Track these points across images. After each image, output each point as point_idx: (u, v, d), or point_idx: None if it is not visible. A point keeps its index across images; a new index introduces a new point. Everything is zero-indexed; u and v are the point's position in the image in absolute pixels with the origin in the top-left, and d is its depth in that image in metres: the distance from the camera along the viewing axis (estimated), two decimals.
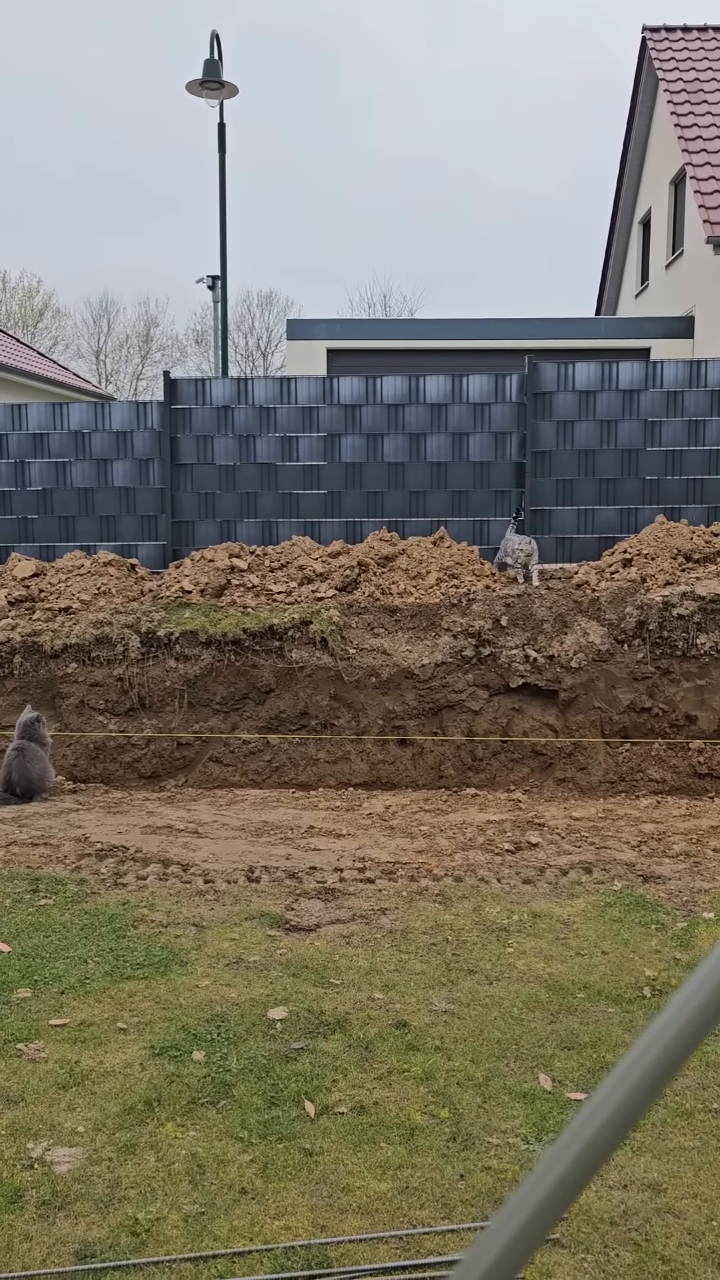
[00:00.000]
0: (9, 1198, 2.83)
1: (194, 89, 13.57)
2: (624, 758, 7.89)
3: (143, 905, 5.05)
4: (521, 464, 9.86)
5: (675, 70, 18.69)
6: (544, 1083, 3.44)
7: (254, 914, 4.95)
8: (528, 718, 8.03)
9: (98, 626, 8.37)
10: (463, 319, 17.03)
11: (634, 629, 8.07)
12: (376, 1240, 2.68)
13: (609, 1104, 0.71)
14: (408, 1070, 3.51)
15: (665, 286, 19.74)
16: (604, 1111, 0.71)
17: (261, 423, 9.91)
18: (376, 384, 9.90)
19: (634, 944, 4.61)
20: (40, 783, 7.23)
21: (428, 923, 4.84)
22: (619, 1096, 0.71)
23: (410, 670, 8.04)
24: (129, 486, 10.01)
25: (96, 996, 4.05)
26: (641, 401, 9.81)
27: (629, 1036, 3.76)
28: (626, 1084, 0.71)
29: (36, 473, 10.05)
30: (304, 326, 17.13)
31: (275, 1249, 2.64)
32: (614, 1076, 0.72)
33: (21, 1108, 3.28)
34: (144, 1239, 2.68)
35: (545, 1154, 0.72)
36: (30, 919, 4.87)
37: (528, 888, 5.37)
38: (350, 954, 4.49)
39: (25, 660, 8.32)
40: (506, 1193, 2.88)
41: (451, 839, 6.34)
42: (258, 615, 8.37)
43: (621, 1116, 0.70)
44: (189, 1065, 3.52)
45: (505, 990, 4.13)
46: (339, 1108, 3.28)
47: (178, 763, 8.13)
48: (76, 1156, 3.03)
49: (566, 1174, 0.71)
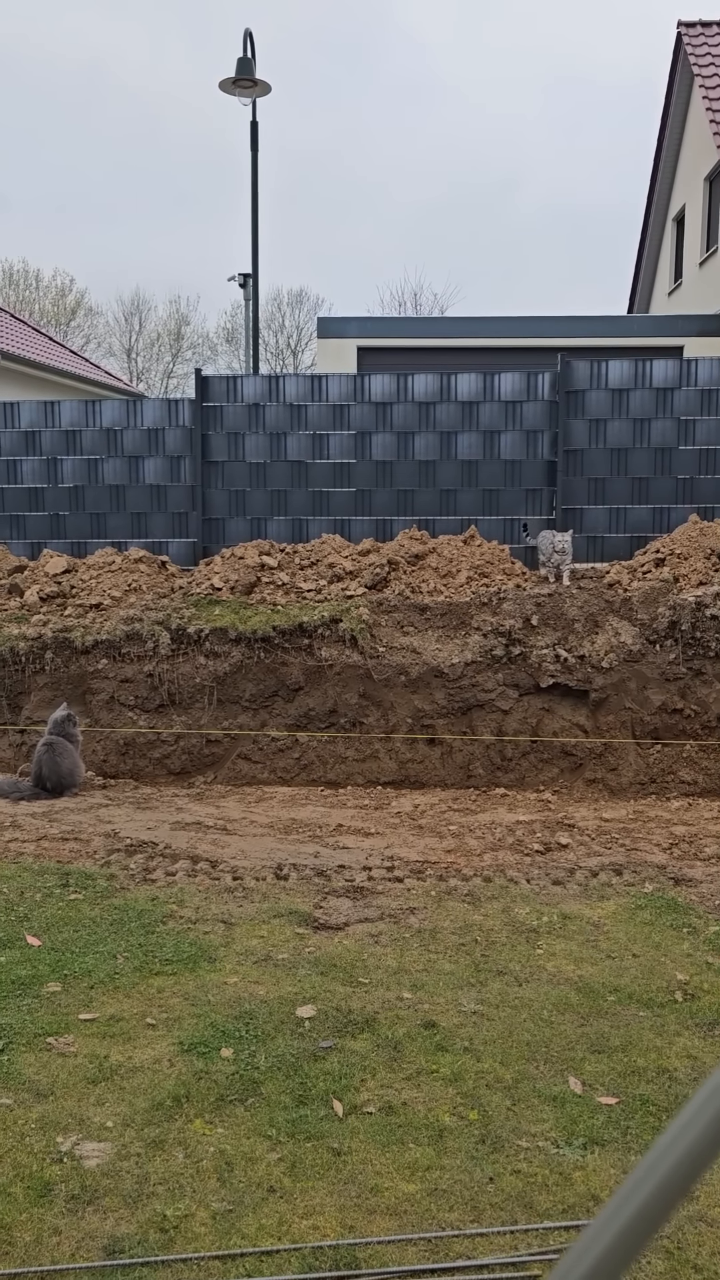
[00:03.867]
0: (39, 1191, 2.84)
1: (227, 87, 13.58)
2: (655, 759, 7.82)
3: (172, 901, 5.06)
4: (553, 462, 9.80)
5: (711, 66, 18.50)
6: (574, 1086, 3.41)
7: (282, 911, 4.95)
8: (558, 718, 7.98)
9: (128, 623, 8.41)
10: (494, 317, 16.95)
11: (666, 629, 8.00)
12: (405, 1242, 2.66)
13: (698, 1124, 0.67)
14: (436, 1071, 3.49)
15: (699, 284, 19.55)
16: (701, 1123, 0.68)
17: (292, 420, 9.91)
18: (407, 382, 9.87)
19: (665, 947, 4.56)
20: (70, 778, 7.27)
21: (457, 923, 4.82)
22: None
23: (440, 669, 8.01)
24: (160, 484, 10.05)
25: (126, 991, 4.06)
26: (675, 400, 9.72)
27: (660, 1040, 3.72)
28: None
29: (69, 469, 10.11)
30: (334, 325, 17.12)
31: (303, 1248, 2.63)
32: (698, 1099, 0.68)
33: (51, 1101, 3.29)
34: (172, 1235, 2.68)
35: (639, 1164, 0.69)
36: (60, 913, 4.89)
37: (557, 889, 5.33)
38: (379, 953, 4.47)
39: (56, 656, 8.37)
40: (536, 1197, 2.86)
41: (480, 839, 6.31)
42: (287, 613, 8.38)
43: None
44: (217, 1062, 3.52)
45: (535, 992, 4.10)
46: (367, 1107, 3.27)
47: (207, 759, 8.15)
48: (105, 1151, 3.03)
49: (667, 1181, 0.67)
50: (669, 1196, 0.67)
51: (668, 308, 21.70)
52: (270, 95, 13.62)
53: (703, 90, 18.10)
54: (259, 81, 13.51)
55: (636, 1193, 0.68)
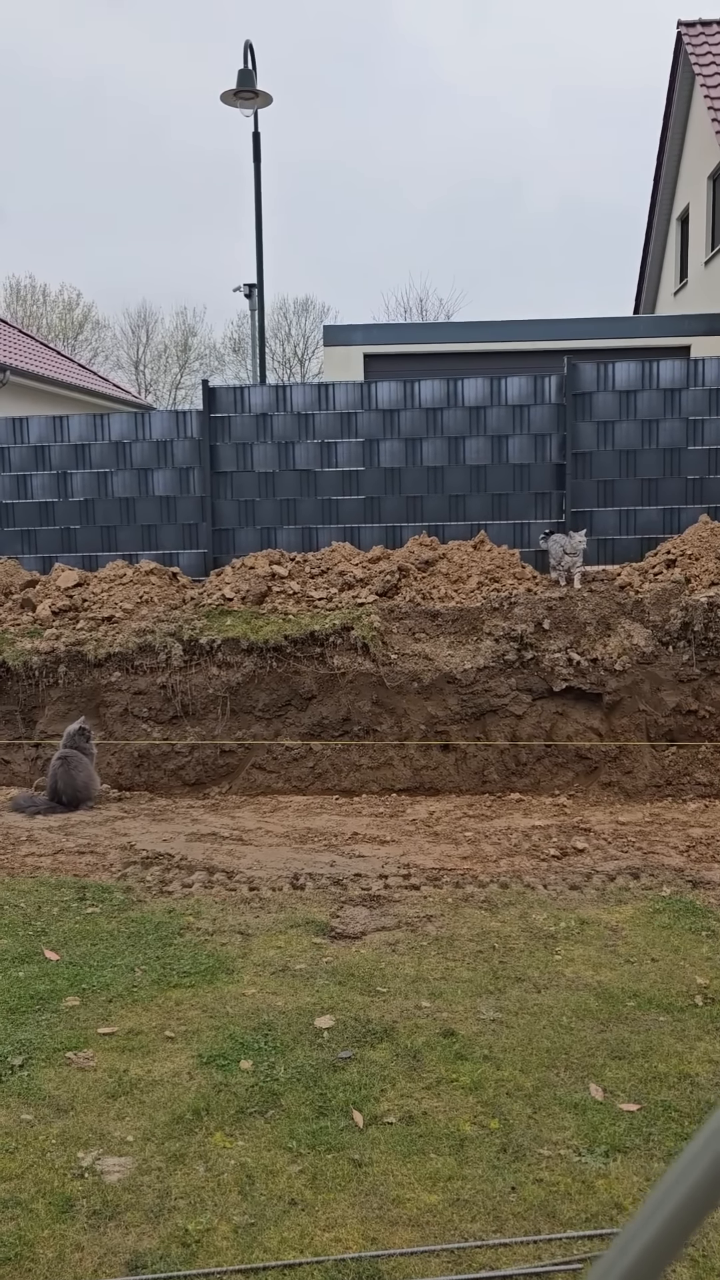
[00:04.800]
0: (60, 1207, 2.84)
1: (228, 99, 13.64)
2: (670, 761, 7.79)
3: (188, 913, 5.06)
4: (562, 465, 9.79)
5: (712, 64, 18.48)
6: (595, 1093, 3.39)
7: (299, 921, 4.94)
8: (571, 721, 7.96)
9: (140, 635, 8.43)
10: (500, 321, 16.94)
11: (678, 630, 7.97)
12: (428, 1253, 2.65)
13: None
14: (456, 1080, 3.47)
15: (705, 283, 19.51)
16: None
17: (300, 429, 9.93)
18: (414, 388, 9.87)
19: (684, 951, 4.54)
20: (85, 791, 7.29)
21: (474, 930, 4.80)
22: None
23: (452, 675, 8.00)
24: (169, 495, 10.08)
25: (144, 1005, 4.06)
26: (683, 400, 9.70)
27: (681, 1046, 3.70)
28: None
29: (78, 483, 10.15)
30: (341, 332, 17.15)
31: (326, 1261, 2.62)
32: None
33: (71, 1116, 3.30)
34: (194, 1250, 2.67)
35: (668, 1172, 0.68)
36: (77, 927, 4.90)
37: (575, 894, 5.31)
38: (396, 961, 4.46)
39: (70, 670, 8.40)
40: (559, 1206, 2.84)
41: (496, 845, 6.29)
42: (299, 621, 8.38)
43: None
44: (237, 1074, 3.51)
45: (554, 998, 4.08)
46: (388, 1118, 3.26)
47: (221, 770, 8.16)
48: (126, 1166, 3.03)
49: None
50: (699, 1205, 0.66)
51: (674, 307, 21.66)
52: (273, 104, 13.67)
53: (704, 89, 18.08)
54: (260, 93, 13.57)
55: (666, 1202, 0.67)
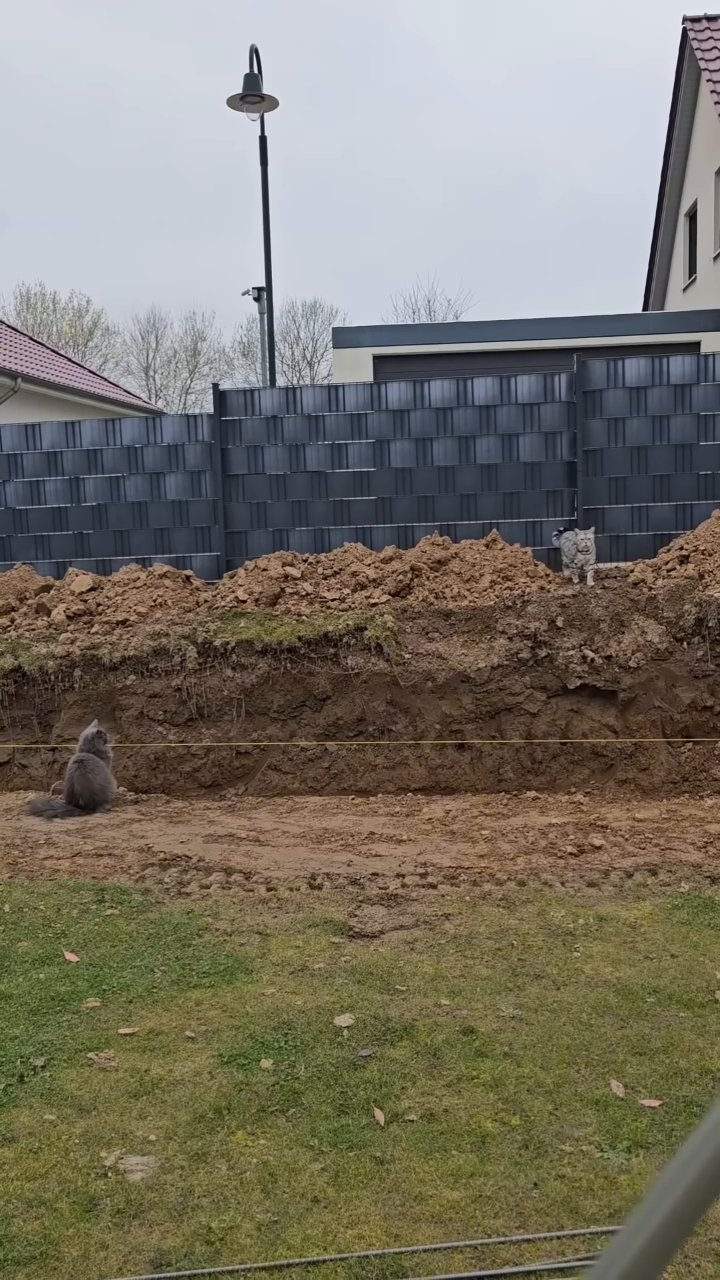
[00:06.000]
0: (84, 1206, 2.86)
1: (234, 104, 13.69)
2: (686, 757, 7.76)
3: (207, 914, 5.08)
4: (573, 463, 9.77)
5: (718, 59, 18.43)
6: (616, 1089, 3.38)
7: (317, 921, 4.95)
8: (587, 719, 7.94)
9: (155, 638, 8.46)
10: (509, 320, 16.93)
11: (693, 626, 7.95)
12: (451, 1250, 2.66)
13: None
14: (477, 1077, 3.47)
15: (714, 278, 19.45)
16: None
17: (311, 431, 9.94)
18: (424, 388, 9.88)
19: (704, 947, 4.53)
20: (102, 794, 7.32)
21: (492, 927, 4.80)
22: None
23: (466, 674, 8.00)
24: (181, 499, 10.11)
25: (164, 1005, 4.08)
26: (693, 396, 9.67)
27: (702, 1041, 3.69)
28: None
29: (91, 488, 10.19)
30: (350, 334, 17.17)
31: (349, 1258, 2.63)
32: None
33: (94, 1116, 3.31)
34: (218, 1248, 2.68)
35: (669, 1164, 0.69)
36: (97, 929, 4.92)
37: (592, 891, 5.30)
38: (415, 960, 4.46)
39: (85, 674, 8.43)
40: (582, 1201, 2.84)
41: (513, 843, 6.29)
42: (312, 623, 8.39)
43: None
44: (257, 1073, 3.53)
45: (573, 995, 4.08)
46: (409, 1115, 3.26)
47: (237, 771, 8.18)
48: (149, 1165, 3.05)
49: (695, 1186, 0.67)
50: (701, 1198, 0.67)
51: (683, 303, 21.60)
52: (280, 107, 13.71)
53: (710, 84, 18.03)
54: (266, 96, 13.61)
55: (668, 1195, 0.68)
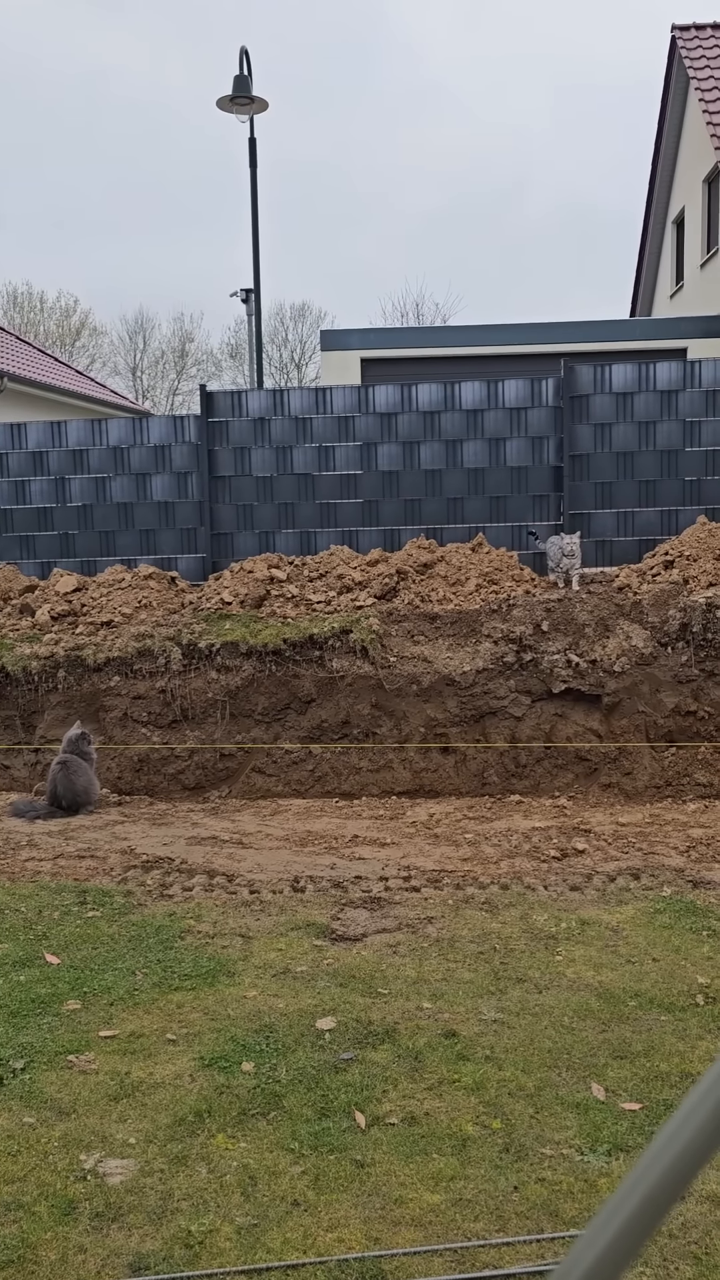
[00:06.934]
0: (63, 1209, 2.84)
1: (224, 105, 13.68)
2: (670, 762, 7.79)
3: (189, 916, 5.06)
4: (559, 468, 9.80)
5: (706, 68, 18.54)
6: (597, 1093, 3.39)
7: (300, 924, 4.94)
8: (571, 723, 7.96)
9: (139, 639, 8.43)
10: (497, 325, 16.98)
11: (677, 631, 7.98)
12: (431, 1253, 2.65)
13: (700, 1114, 0.68)
14: (458, 1080, 3.47)
15: (701, 286, 19.56)
16: (695, 1121, 0.68)
17: (298, 433, 9.94)
18: (412, 392, 9.89)
19: (685, 951, 4.54)
20: (85, 795, 7.29)
21: (475, 931, 4.81)
22: (710, 1106, 0.67)
23: (451, 677, 8.01)
24: (168, 500, 10.09)
25: (145, 1008, 4.06)
26: (680, 402, 9.72)
27: (683, 1045, 3.70)
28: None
29: (77, 489, 10.16)
30: (338, 337, 17.18)
31: (329, 1261, 2.62)
32: (705, 1083, 0.68)
33: (73, 1119, 3.29)
34: (197, 1251, 2.67)
35: (633, 1167, 0.69)
36: (78, 931, 4.90)
37: (575, 895, 5.31)
38: (397, 963, 4.46)
39: (69, 675, 8.40)
40: (562, 1205, 2.84)
41: (497, 846, 6.30)
42: (298, 625, 8.39)
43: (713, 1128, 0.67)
44: (238, 1076, 3.51)
45: (555, 999, 4.08)
46: (390, 1119, 3.26)
47: (221, 774, 8.16)
48: (128, 1168, 3.03)
49: (660, 1184, 0.67)
50: (662, 1201, 0.68)
51: (670, 310, 21.71)
52: (270, 108, 13.71)
53: (699, 93, 18.14)
54: (256, 98, 13.60)
55: (630, 1196, 0.68)
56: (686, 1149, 0.67)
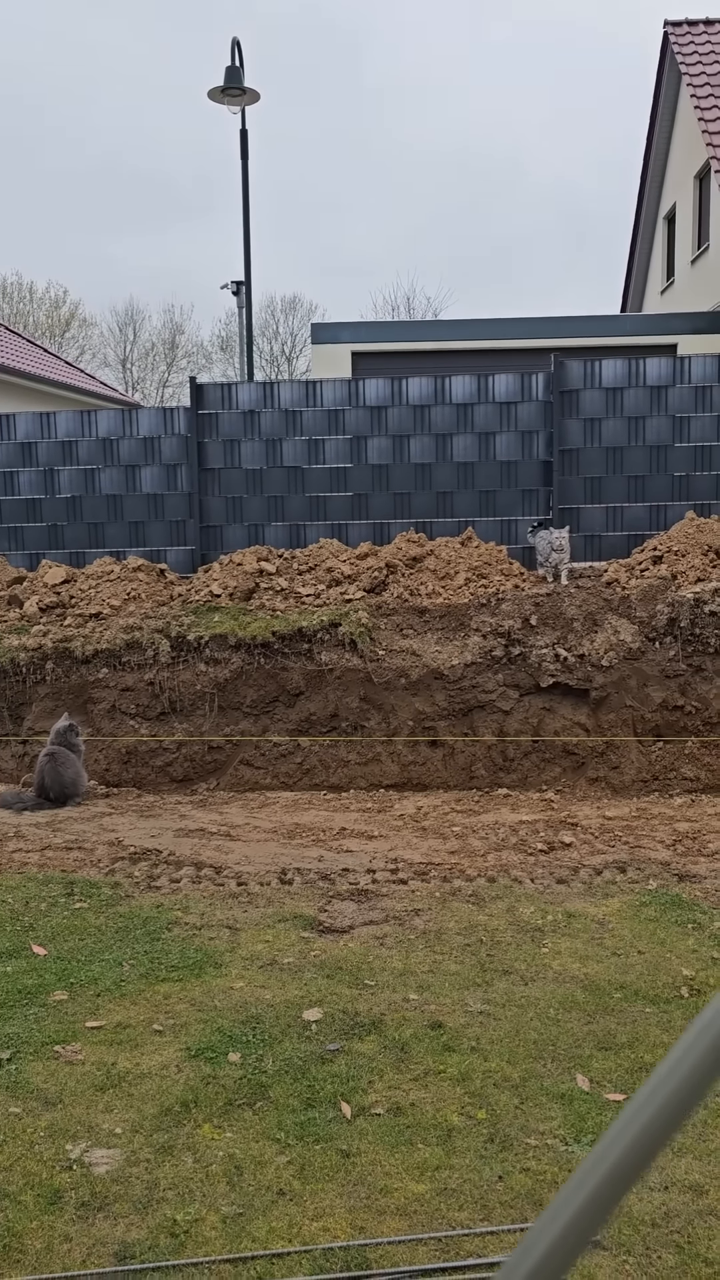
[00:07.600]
0: (49, 1199, 2.85)
1: (215, 96, 13.63)
2: (657, 756, 7.82)
3: (177, 908, 5.07)
4: (549, 462, 9.82)
5: (698, 64, 18.55)
6: (582, 1084, 3.41)
7: (287, 916, 4.95)
8: (559, 717, 7.98)
9: (128, 632, 8.42)
10: (488, 319, 16.98)
11: (665, 626, 8.01)
12: (415, 1242, 2.67)
13: (650, 1107, 0.68)
14: (444, 1071, 3.49)
15: (691, 282, 19.60)
16: (646, 1114, 0.68)
17: (288, 426, 9.93)
18: (402, 385, 9.89)
19: (670, 943, 4.57)
20: (73, 787, 7.28)
21: (461, 923, 4.82)
22: (660, 1099, 0.68)
23: (440, 671, 8.02)
24: (157, 492, 10.07)
25: (132, 999, 4.07)
26: (669, 397, 9.74)
27: (667, 1037, 3.72)
28: (668, 1087, 0.68)
29: (66, 480, 10.13)
30: (329, 330, 17.15)
31: (314, 1250, 2.63)
32: (654, 1079, 0.69)
33: (60, 1109, 3.30)
34: (183, 1240, 2.68)
35: (587, 1157, 0.70)
36: (65, 922, 4.89)
37: (562, 888, 5.33)
38: (384, 955, 4.47)
39: (57, 666, 8.38)
40: (546, 1194, 2.86)
41: (484, 839, 6.31)
42: (286, 618, 8.39)
43: (664, 1119, 0.68)
44: (225, 1067, 3.52)
45: (541, 991, 4.10)
46: (375, 1109, 3.27)
47: (209, 766, 8.16)
48: (115, 1158, 3.04)
49: (612, 1174, 0.68)
50: (614, 1189, 0.68)
51: (661, 306, 21.75)
52: (262, 99, 13.66)
53: (690, 89, 18.15)
54: (247, 90, 13.56)
55: (585, 1183, 0.69)
56: (644, 1132, 0.68)
